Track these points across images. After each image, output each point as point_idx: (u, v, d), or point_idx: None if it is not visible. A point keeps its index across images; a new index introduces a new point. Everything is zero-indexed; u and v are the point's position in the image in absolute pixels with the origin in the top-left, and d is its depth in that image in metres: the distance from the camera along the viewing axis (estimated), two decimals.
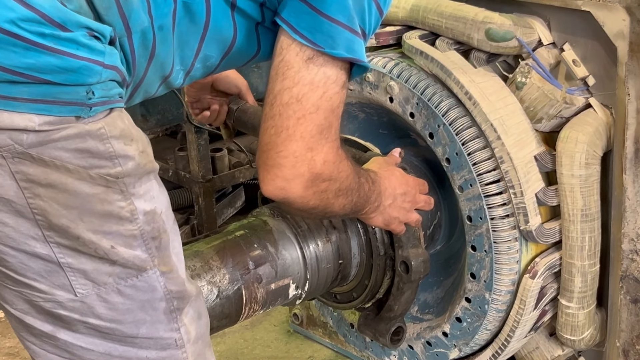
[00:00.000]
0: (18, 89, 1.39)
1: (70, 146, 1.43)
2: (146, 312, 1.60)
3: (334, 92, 1.69)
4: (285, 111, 1.66)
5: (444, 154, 2.22)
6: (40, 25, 1.38)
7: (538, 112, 2.20)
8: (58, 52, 1.39)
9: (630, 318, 2.24)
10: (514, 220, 2.19)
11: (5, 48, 1.36)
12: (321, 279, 2.29)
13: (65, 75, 1.40)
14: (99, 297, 1.55)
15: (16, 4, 1.36)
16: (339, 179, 1.79)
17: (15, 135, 1.39)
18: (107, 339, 1.59)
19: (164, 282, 1.60)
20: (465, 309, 2.30)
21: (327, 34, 1.64)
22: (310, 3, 1.64)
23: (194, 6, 1.64)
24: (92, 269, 1.52)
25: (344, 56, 1.67)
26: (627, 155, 2.15)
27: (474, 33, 2.21)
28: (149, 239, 1.57)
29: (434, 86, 2.24)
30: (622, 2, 2.06)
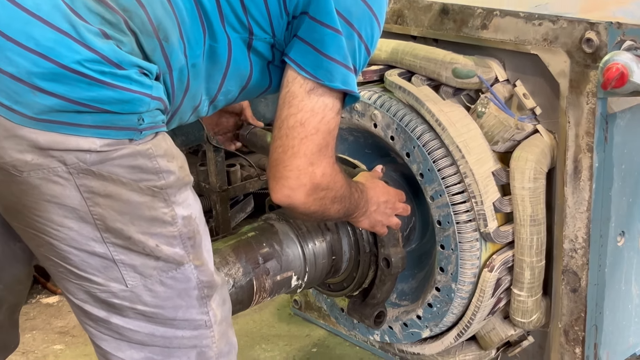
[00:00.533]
0: (83, 117, 1.40)
1: (125, 163, 1.46)
2: (182, 298, 1.62)
3: (331, 118, 1.71)
4: (291, 133, 1.68)
5: (419, 170, 2.21)
6: (101, 64, 1.40)
7: (495, 136, 2.20)
8: (115, 87, 1.41)
9: (570, 304, 2.24)
10: (475, 224, 2.18)
11: (72, 84, 1.38)
12: (317, 272, 2.29)
13: (121, 105, 1.42)
14: (145, 287, 1.57)
15: (81, 47, 1.39)
16: (334, 188, 1.80)
17: (80, 155, 1.41)
18: (150, 322, 1.61)
19: (197, 274, 1.62)
20: (435, 297, 2.29)
21: (326, 69, 1.66)
22: (313, 45, 1.65)
23: (218, 48, 1.66)
24: (140, 264, 1.55)
25: (340, 88, 1.69)
26: (568, 171, 2.14)
27: (443, 71, 2.21)
28: (186, 239, 1.60)
29: (410, 114, 2.23)
30: (564, 47, 2.06)
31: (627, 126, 2.19)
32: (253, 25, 1.66)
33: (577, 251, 2.18)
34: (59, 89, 1.38)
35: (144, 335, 1.61)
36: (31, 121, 1.37)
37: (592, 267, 2.17)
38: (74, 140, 1.41)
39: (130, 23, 1.47)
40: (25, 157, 1.40)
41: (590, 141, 2.08)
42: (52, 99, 1.37)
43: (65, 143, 1.41)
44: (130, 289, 1.56)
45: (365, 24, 1.70)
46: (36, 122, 1.38)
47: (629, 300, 2.39)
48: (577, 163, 2.12)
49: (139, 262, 1.55)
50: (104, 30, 1.43)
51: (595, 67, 2.00)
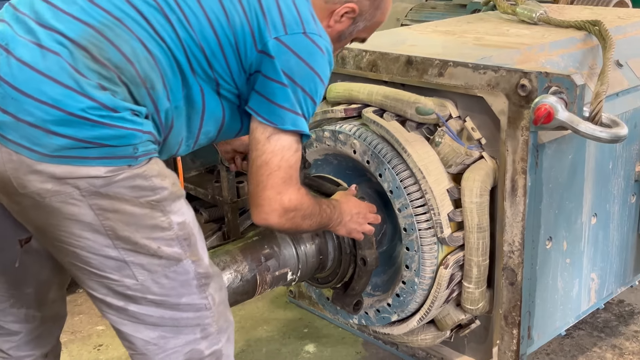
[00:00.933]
0: (89, 152, 1.46)
1: (126, 184, 1.50)
2: (184, 287, 1.64)
3: (289, 155, 1.72)
4: (259, 171, 1.71)
5: (389, 188, 2.23)
6: (100, 110, 1.46)
7: (449, 161, 2.21)
8: (113, 126, 1.47)
9: (509, 295, 2.26)
10: (434, 231, 2.20)
11: (78, 127, 1.45)
12: (308, 268, 2.29)
13: (118, 140, 1.48)
14: (153, 280, 1.60)
15: (83, 98, 1.45)
16: (302, 208, 1.81)
17: (90, 181, 1.47)
18: (160, 307, 1.63)
19: (195, 267, 1.64)
20: (402, 288, 2.30)
21: (278, 115, 1.68)
22: (266, 96, 1.68)
23: (194, 95, 1.67)
24: (147, 262, 1.58)
25: (291, 129, 1.70)
26: (507, 189, 2.17)
27: (408, 109, 2.23)
28: (182, 240, 1.61)
29: (382, 144, 2.25)
30: (503, 91, 2.09)
31: (553, 154, 2.20)
32: (218, 78, 1.67)
33: (514, 252, 2.20)
34: (68, 132, 1.44)
35: (156, 318, 1.63)
36: (48, 158, 1.44)
37: (526, 265, 2.19)
38: (84, 169, 1.46)
39: (122, 77, 1.50)
40: (46, 186, 1.45)
41: (524, 165, 2.10)
42: (63, 139, 1.44)
43: (77, 172, 1.46)
44: (141, 283, 1.58)
45: (308, 80, 1.70)
46: (52, 158, 1.44)
47: (555, 292, 2.39)
48: (514, 183, 2.14)
49: (146, 262, 1.57)
50: (101, 83, 1.47)
51: (528, 107, 2.02)
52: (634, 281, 2.83)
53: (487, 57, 2.30)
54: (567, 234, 2.39)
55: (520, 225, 2.17)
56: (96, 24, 1.51)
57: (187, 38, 1.60)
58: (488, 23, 3.00)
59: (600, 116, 2.04)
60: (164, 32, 1.57)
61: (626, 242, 2.70)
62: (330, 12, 1.84)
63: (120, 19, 1.53)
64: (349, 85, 2.43)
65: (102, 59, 1.49)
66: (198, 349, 1.69)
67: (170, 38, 1.58)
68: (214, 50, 1.64)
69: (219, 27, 1.64)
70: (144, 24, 1.55)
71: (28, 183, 1.46)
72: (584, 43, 2.58)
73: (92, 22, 1.51)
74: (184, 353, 1.68)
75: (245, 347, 2.87)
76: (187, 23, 1.60)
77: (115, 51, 1.50)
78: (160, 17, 1.57)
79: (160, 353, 1.66)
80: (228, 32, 1.64)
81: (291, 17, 1.69)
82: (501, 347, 2.34)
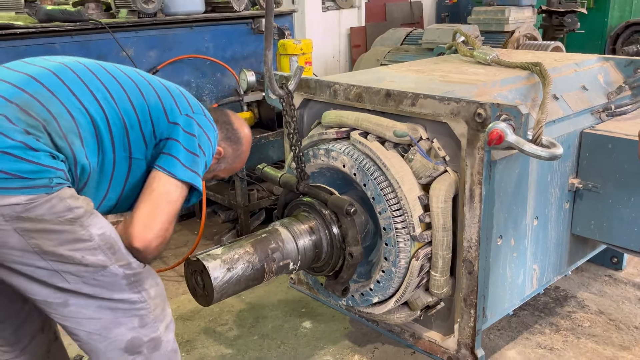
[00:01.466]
0: (11, 182, 1.41)
1: (45, 207, 1.45)
2: (114, 286, 1.58)
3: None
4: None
5: (371, 195, 2.23)
6: (22, 149, 1.43)
7: (420, 174, 2.21)
8: (32, 162, 1.44)
9: (467, 282, 2.25)
10: (407, 230, 2.19)
11: (3, 160, 1.41)
12: (306, 260, 2.28)
13: (37, 174, 1.44)
14: (83, 282, 1.55)
15: (9, 140, 1.43)
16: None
17: (13, 208, 1.42)
18: (96, 300, 1.57)
19: (123, 270, 1.59)
20: (381, 276, 2.30)
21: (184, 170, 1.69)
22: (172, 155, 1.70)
23: (106, 163, 1.66)
24: (74, 270, 1.52)
25: (184, 180, 1.69)
26: (466, 197, 2.17)
27: (387, 132, 2.23)
28: (106, 249, 1.55)
29: (366, 159, 2.24)
30: (464, 118, 2.09)
31: (503, 168, 2.22)
32: (131, 145, 1.67)
33: (472, 248, 2.20)
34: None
35: (94, 308, 1.57)
36: None
37: (481, 258, 2.19)
38: (7, 198, 1.41)
39: (47, 127, 1.50)
40: None
41: (480, 178, 2.10)
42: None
43: (1, 201, 1.40)
44: (73, 285, 1.53)
45: (206, 147, 1.75)
46: None
47: (505, 280, 2.41)
48: (472, 192, 2.14)
49: (74, 269, 1.52)
50: (27, 129, 1.46)
51: (483, 131, 2.03)
52: (567, 271, 2.84)
53: (451, 91, 2.31)
54: (514, 233, 2.40)
55: (476, 226, 2.17)
56: (31, 92, 1.53)
57: (111, 112, 1.63)
58: (451, 64, 3.01)
59: (541, 139, 2.04)
60: (89, 106, 1.60)
61: (561, 240, 2.70)
62: None
63: (53, 92, 1.56)
64: (339, 112, 2.44)
65: (31, 112, 1.49)
66: (137, 336, 1.64)
67: (96, 111, 1.61)
68: (132, 123, 1.67)
69: (140, 107, 1.69)
70: (73, 98, 1.58)
71: None
72: (528, 80, 2.60)
73: (28, 89, 1.53)
74: (125, 341, 1.62)
75: (255, 323, 2.87)
76: (113, 101, 1.64)
77: (43, 109, 1.52)
78: (88, 94, 1.61)
79: (103, 341, 1.61)
80: (144, 109, 1.69)
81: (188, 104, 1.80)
82: (461, 324, 2.34)
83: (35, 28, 3.23)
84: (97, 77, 1.67)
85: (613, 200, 2.55)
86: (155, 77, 1.84)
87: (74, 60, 1.71)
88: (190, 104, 1.80)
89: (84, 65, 1.69)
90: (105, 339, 1.59)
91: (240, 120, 2.10)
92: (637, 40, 6.68)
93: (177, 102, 1.75)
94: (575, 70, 2.85)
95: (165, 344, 1.69)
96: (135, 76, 1.76)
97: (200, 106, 1.85)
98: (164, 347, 1.68)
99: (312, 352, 2.62)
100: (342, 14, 7.65)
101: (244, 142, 2.08)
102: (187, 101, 1.80)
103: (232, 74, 4.00)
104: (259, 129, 3.87)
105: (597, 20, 7.30)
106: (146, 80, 1.77)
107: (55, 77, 1.60)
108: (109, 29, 3.43)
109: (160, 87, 1.78)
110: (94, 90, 1.63)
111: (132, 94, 1.69)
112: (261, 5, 4.07)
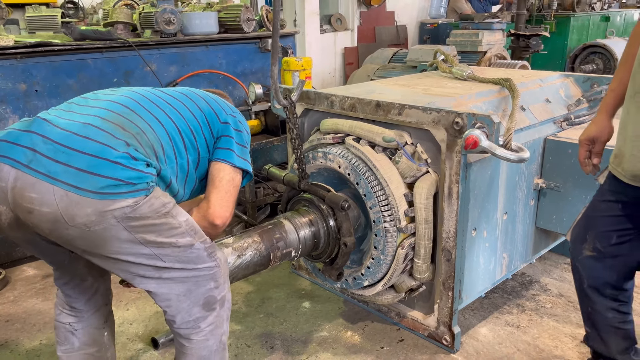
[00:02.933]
0: (122, 188, 1.43)
1: (146, 206, 1.48)
2: (199, 258, 1.62)
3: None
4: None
5: (363, 192, 2.22)
6: (127, 159, 1.45)
7: (405, 174, 2.21)
8: (136, 170, 1.46)
9: (446, 268, 2.25)
10: (394, 223, 2.19)
11: (115, 169, 1.43)
12: (306, 248, 2.28)
13: (140, 179, 1.46)
14: (177, 260, 1.58)
15: (114, 151, 1.45)
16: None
17: (123, 210, 1.44)
18: (184, 271, 1.61)
19: (203, 245, 1.63)
20: (371, 263, 2.29)
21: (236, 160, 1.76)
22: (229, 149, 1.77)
23: (184, 165, 1.71)
24: (170, 252, 1.56)
25: (241, 167, 1.77)
26: (445, 194, 2.17)
27: (377, 138, 2.23)
28: (191, 231, 1.59)
29: (359, 161, 2.24)
30: (443, 126, 2.09)
31: (478, 169, 2.21)
32: (200, 147, 1.74)
33: (450, 238, 2.20)
34: (107, 173, 1.41)
35: (183, 278, 1.61)
36: (93, 194, 1.40)
37: (458, 247, 2.19)
38: (118, 202, 1.42)
39: (139, 140, 1.53)
40: (91, 218, 1.41)
41: (457, 178, 2.11)
42: (104, 179, 1.41)
43: (113, 205, 1.42)
44: (168, 263, 1.57)
45: (248, 139, 1.83)
46: (95, 194, 1.40)
47: (478, 266, 2.40)
48: (450, 190, 2.14)
49: (169, 251, 1.55)
50: (127, 142, 1.49)
51: (460, 137, 2.03)
52: (532, 259, 2.84)
53: (432, 102, 2.30)
54: (487, 226, 2.39)
55: (454, 220, 2.17)
56: (120, 113, 1.59)
57: (180, 123, 1.70)
58: (432, 79, 3.01)
59: (510, 144, 2.04)
60: (163, 121, 1.67)
61: (527, 232, 2.70)
62: None
63: (137, 112, 1.63)
64: (335, 120, 2.43)
65: (126, 129, 1.54)
66: (212, 295, 1.68)
67: (168, 124, 1.68)
68: (196, 128, 1.74)
69: (198, 115, 1.77)
70: (150, 116, 1.65)
71: (76, 216, 1.41)
72: (499, 93, 2.59)
73: (117, 111, 1.59)
74: (203, 299, 1.67)
75: (261, 303, 2.86)
76: (178, 114, 1.72)
77: (134, 126, 1.57)
78: (159, 112, 1.68)
79: (186, 301, 1.65)
80: (202, 115, 1.78)
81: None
82: (440, 305, 2.34)
83: (71, 45, 3.22)
84: (160, 97, 1.74)
85: (572, 198, 2.55)
86: (191, 89, 1.90)
87: (136, 89, 1.78)
88: (228, 105, 1.88)
89: (146, 90, 1.77)
90: (188, 299, 1.65)
91: None
92: (592, 60, 6.69)
93: (220, 105, 1.83)
94: (540, 85, 2.85)
95: (228, 302, 1.76)
96: (183, 92, 1.84)
97: (233, 106, 1.93)
98: (227, 304, 1.75)
99: (310, 328, 2.62)
100: (337, 36, 7.66)
101: None
102: (225, 103, 1.88)
103: (242, 87, 4.00)
104: (265, 135, 3.86)
105: (558, 43, 7.31)
106: (191, 92, 1.86)
107: (133, 101, 1.66)
108: (135, 47, 3.42)
109: (203, 95, 1.86)
110: (163, 107, 1.70)
111: (190, 105, 1.77)
112: (268, 27, 4.07)
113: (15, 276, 3.18)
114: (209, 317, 1.70)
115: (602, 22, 7.85)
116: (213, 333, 1.72)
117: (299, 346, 2.47)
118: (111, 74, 3.40)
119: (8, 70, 3.02)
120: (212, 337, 1.72)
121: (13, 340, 2.53)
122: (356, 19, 7.84)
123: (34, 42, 3.08)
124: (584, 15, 7.53)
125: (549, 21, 7.27)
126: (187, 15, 3.71)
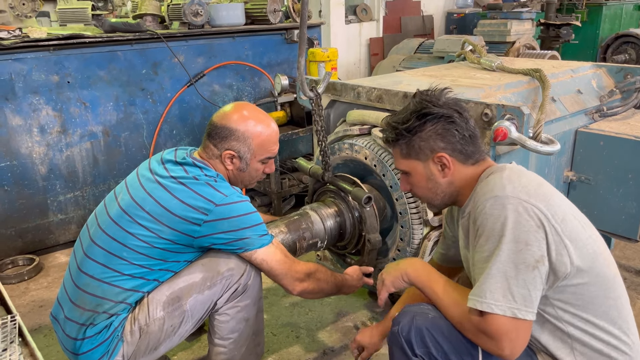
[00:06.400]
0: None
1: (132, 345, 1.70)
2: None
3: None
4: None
5: (389, 184, 2.22)
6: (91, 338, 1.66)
7: None
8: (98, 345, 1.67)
9: None
10: (420, 215, 2.19)
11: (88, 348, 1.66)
12: (332, 239, 2.29)
13: (108, 346, 1.67)
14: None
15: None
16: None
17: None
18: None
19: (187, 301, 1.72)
20: (397, 254, 2.30)
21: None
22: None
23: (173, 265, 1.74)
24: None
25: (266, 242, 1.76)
26: None
27: None
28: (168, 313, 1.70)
29: (385, 153, 2.23)
30: (472, 117, 2.00)
31: (506, 162, 2.07)
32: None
33: None
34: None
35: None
36: None
37: None
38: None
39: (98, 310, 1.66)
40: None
41: None
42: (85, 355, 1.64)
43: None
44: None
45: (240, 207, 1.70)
46: None
47: None
48: None
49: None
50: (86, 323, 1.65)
51: (489, 129, 1.99)
52: None
53: (461, 94, 2.27)
54: None
55: None
56: (83, 285, 1.68)
57: (161, 232, 1.64)
58: (460, 70, 2.97)
59: (540, 136, 2.01)
60: (143, 233, 1.64)
61: None
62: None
63: (127, 230, 1.67)
64: (362, 112, 2.42)
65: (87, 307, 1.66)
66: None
67: (149, 236, 1.64)
68: (177, 235, 1.67)
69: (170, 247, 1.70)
70: (128, 233, 1.65)
71: None
72: (529, 84, 2.55)
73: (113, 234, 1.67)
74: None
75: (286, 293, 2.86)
76: (159, 223, 1.65)
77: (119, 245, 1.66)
78: (137, 227, 1.65)
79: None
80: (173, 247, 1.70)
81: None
82: None
83: (102, 38, 3.27)
84: (142, 207, 1.65)
85: (603, 191, 2.50)
86: (167, 190, 1.67)
87: (128, 196, 1.69)
88: (204, 203, 1.64)
89: (130, 199, 1.69)
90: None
91: (238, 116, 1.80)
92: (625, 50, 6.51)
93: (193, 207, 1.63)
94: (572, 75, 2.79)
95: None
96: (157, 214, 1.66)
97: (206, 179, 1.70)
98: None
99: (335, 319, 2.63)
100: (362, 26, 7.60)
101: (249, 134, 1.78)
102: (200, 197, 1.65)
103: (267, 78, 4.00)
104: (291, 126, 3.87)
105: (589, 32, 7.13)
106: (166, 213, 1.65)
107: (115, 225, 1.67)
108: (163, 38, 3.45)
109: (177, 203, 1.65)
110: (141, 222, 1.64)
111: (167, 217, 1.65)
112: (294, 18, 4.06)
113: (49, 263, 3.26)
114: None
115: (636, 10, 7.62)
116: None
117: (324, 336, 2.48)
118: (140, 65, 3.44)
119: (41, 62, 3.08)
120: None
121: (47, 325, 2.60)
122: (382, 9, 7.77)
123: (66, 35, 3.14)
124: (616, 3, 7.32)
125: (580, 10, 7.09)
126: (214, 7, 3.73)
